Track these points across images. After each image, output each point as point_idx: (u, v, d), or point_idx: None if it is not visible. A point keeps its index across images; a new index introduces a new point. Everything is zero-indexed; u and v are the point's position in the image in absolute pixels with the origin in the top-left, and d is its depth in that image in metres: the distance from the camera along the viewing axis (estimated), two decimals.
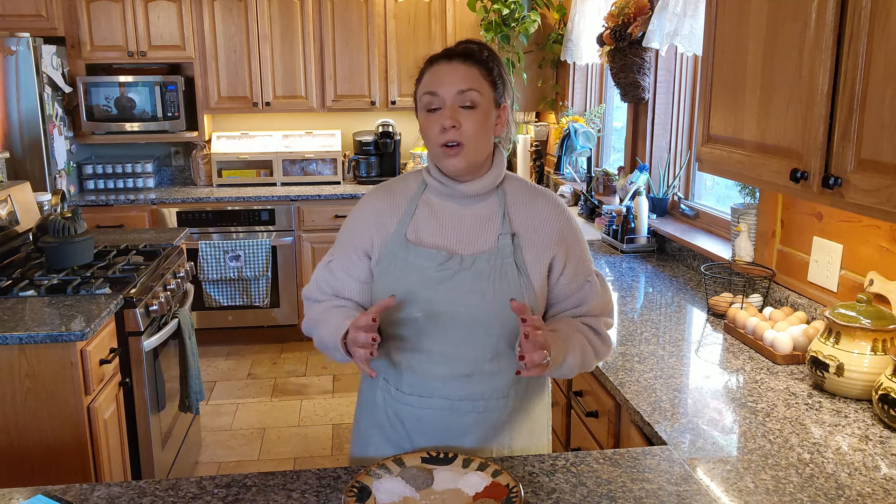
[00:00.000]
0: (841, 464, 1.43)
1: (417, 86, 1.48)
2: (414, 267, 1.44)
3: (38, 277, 2.66)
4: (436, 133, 1.41)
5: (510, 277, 1.43)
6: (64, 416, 2.27)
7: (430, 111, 1.42)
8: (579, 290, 1.52)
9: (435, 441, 1.49)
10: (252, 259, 4.57)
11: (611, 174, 3.83)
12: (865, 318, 1.68)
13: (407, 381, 1.49)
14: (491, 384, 1.47)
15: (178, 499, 1.31)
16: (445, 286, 1.42)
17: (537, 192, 1.53)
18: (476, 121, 1.41)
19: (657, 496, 1.31)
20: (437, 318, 1.43)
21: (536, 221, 1.49)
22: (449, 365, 1.45)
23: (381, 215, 1.51)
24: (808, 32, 1.56)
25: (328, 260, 1.57)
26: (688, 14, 2.79)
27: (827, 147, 1.53)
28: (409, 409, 1.49)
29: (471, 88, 1.40)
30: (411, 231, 1.48)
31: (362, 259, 1.52)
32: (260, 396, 4.09)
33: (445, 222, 1.48)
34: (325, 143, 5.02)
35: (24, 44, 3.96)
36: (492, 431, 1.50)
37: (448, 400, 1.47)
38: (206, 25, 4.69)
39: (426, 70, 1.46)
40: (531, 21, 4.38)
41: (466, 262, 1.43)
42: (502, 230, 1.46)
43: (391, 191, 1.54)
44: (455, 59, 1.42)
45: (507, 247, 1.45)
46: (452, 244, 1.46)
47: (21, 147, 4.03)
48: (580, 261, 1.52)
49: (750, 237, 2.47)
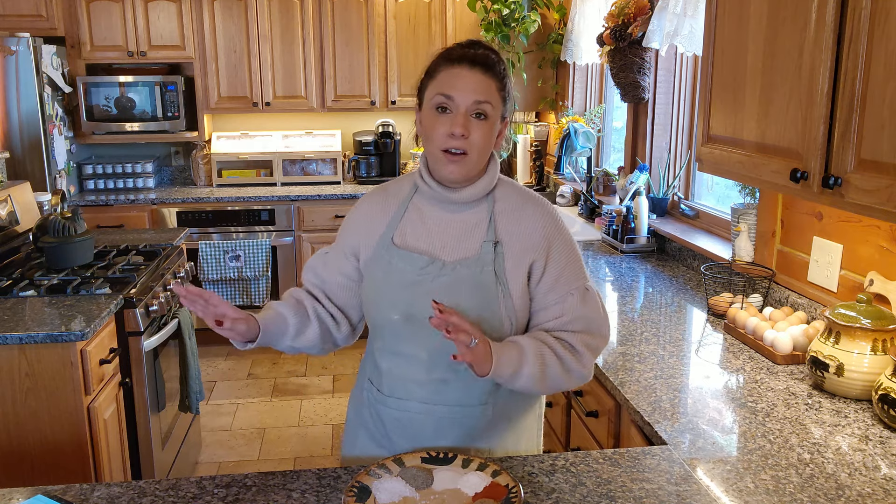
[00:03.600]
0: (841, 464, 1.43)
1: (428, 80, 1.44)
2: (395, 270, 1.45)
3: (38, 277, 2.66)
4: (442, 135, 1.40)
5: (488, 285, 1.42)
6: (64, 416, 2.27)
7: (440, 111, 1.40)
8: (560, 301, 1.45)
9: (412, 441, 1.50)
10: (252, 259, 4.57)
11: (611, 174, 3.83)
12: (865, 318, 1.68)
13: (386, 383, 1.51)
14: (468, 391, 1.46)
15: (178, 499, 1.31)
16: (423, 290, 1.42)
17: (528, 197, 1.50)
18: (484, 133, 1.41)
19: (657, 496, 1.31)
20: (414, 321, 1.43)
21: (522, 228, 1.46)
22: (426, 369, 1.46)
23: (370, 218, 1.53)
24: (808, 32, 1.56)
25: (325, 251, 1.60)
26: (688, 14, 2.79)
27: (827, 147, 1.53)
28: (389, 411, 1.51)
29: (487, 101, 1.39)
30: (398, 234, 1.49)
31: (349, 259, 1.55)
32: (260, 396, 4.09)
33: (432, 227, 1.48)
34: (325, 143, 5.02)
35: (24, 44, 3.96)
36: (469, 438, 1.50)
37: (425, 404, 1.47)
38: (206, 25, 4.69)
39: (443, 68, 1.42)
40: (531, 21, 4.38)
41: (448, 267, 1.43)
42: (486, 237, 1.45)
43: (385, 193, 1.56)
44: (477, 68, 1.40)
45: (489, 254, 1.43)
46: (436, 249, 1.46)
47: (21, 147, 4.03)
48: (565, 270, 1.45)
49: (750, 237, 2.47)
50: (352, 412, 1.66)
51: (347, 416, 1.70)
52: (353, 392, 1.68)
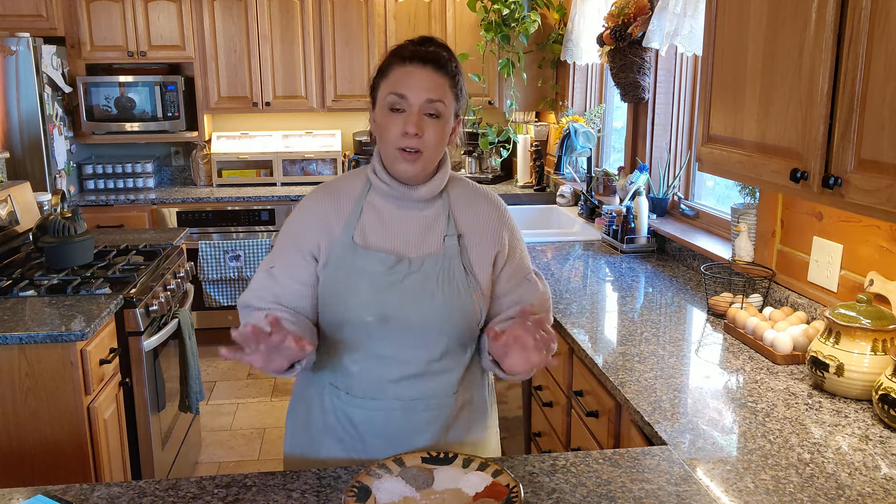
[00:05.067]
0: (841, 464, 1.43)
1: (381, 79, 1.44)
2: (363, 271, 1.44)
3: (38, 277, 2.66)
4: (396, 135, 1.41)
5: (458, 278, 1.46)
6: (64, 416, 2.27)
7: (394, 111, 1.41)
8: (518, 286, 1.55)
9: (389, 440, 1.48)
10: (252, 259, 4.57)
11: (611, 174, 3.82)
12: (865, 318, 1.68)
13: (358, 384, 1.48)
14: (441, 381, 1.49)
15: (178, 499, 1.31)
16: (396, 290, 1.43)
17: (479, 192, 1.57)
18: (437, 130, 1.42)
19: (657, 496, 1.31)
20: (388, 321, 1.43)
21: (480, 222, 1.52)
22: (400, 366, 1.46)
23: (325, 217, 1.48)
24: (808, 32, 1.56)
25: (268, 266, 1.51)
26: (688, 14, 2.79)
27: (827, 147, 1.53)
28: (362, 412, 1.49)
29: (439, 99, 1.40)
30: (358, 234, 1.47)
31: (308, 262, 1.48)
32: (260, 396, 4.09)
33: (392, 225, 1.48)
34: (325, 143, 5.02)
35: (24, 44, 3.96)
36: (444, 428, 1.51)
37: (400, 401, 1.47)
38: (206, 25, 4.69)
39: (395, 66, 1.42)
40: (531, 21, 4.38)
41: (415, 264, 1.44)
42: (448, 231, 1.48)
43: (334, 192, 1.52)
44: (429, 66, 1.40)
45: (454, 248, 1.47)
46: (400, 247, 1.46)
47: (21, 147, 4.03)
48: (520, 259, 1.56)
49: (750, 237, 2.47)
50: (307, 421, 1.57)
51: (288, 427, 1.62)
52: (303, 400, 1.58)
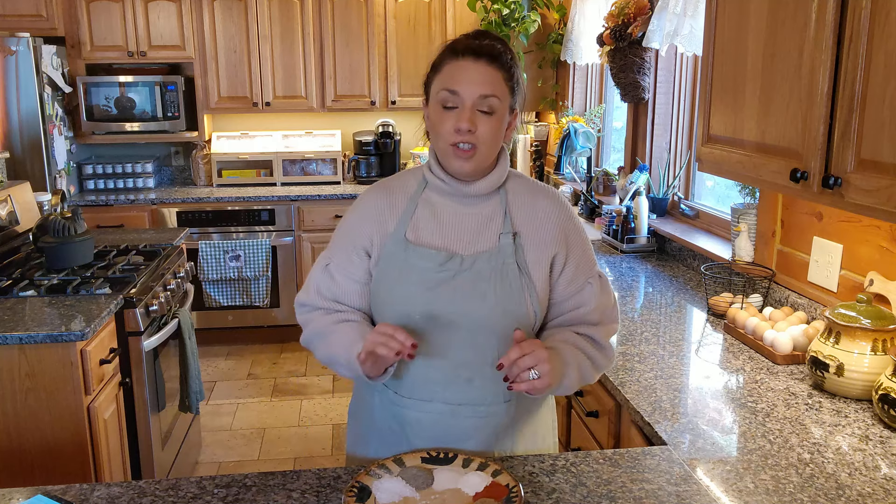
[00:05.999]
0: (841, 464, 1.43)
1: (433, 74, 1.41)
2: (413, 268, 1.41)
3: (38, 277, 2.66)
4: (449, 130, 1.37)
5: (511, 278, 1.40)
6: (64, 416, 2.27)
7: (446, 108, 1.37)
8: (579, 291, 1.47)
9: (434, 444, 1.45)
10: (252, 259, 4.57)
11: (611, 174, 3.82)
12: (865, 318, 1.68)
13: (406, 384, 1.45)
14: (493, 388, 1.43)
15: (178, 499, 1.30)
16: (445, 288, 1.39)
17: (539, 189, 1.50)
18: (492, 126, 1.38)
19: (657, 496, 1.30)
20: (436, 320, 1.39)
21: (538, 219, 1.45)
22: (449, 369, 1.42)
23: (381, 213, 1.47)
24: (808, 32, 1.56)
25: (325, 263, 1.50)
26: (688, 14, 2.79)
27: (827, 147, 1.53)
28: (410, 413, 1.45)
29: (493, 94, 1.36)
30: (411, 230, 1.44)
31: (362, 259, 1.47)
32: (260, 396, 4.09)
33: (446, 221, 1.45)
34: (325, 143, 5.02)
35: (24, 44, 3.96)
36: (494, 436, 1.46)
37: (448, 405, 1.43)
38: (205, 25, 4.69)
39: (448, 61, 1.38)
40: (531, 21, 4.38)
41: (467, 262, 1.40)
42: (503, 229, 1.43)
43: (390, 189, 1.50)
44: (482, 59, 1.36)
45: (509, 246, 1.41)
46: (453, 244, 1.43)
47: (21, 147, 4.03)
48: (582, 260, 1.47)
49: (750, 237, 2.47)
50: (358, 420, 1.58)
51: (350, 425, 1.63)
52: (359, 396, 1.59)
